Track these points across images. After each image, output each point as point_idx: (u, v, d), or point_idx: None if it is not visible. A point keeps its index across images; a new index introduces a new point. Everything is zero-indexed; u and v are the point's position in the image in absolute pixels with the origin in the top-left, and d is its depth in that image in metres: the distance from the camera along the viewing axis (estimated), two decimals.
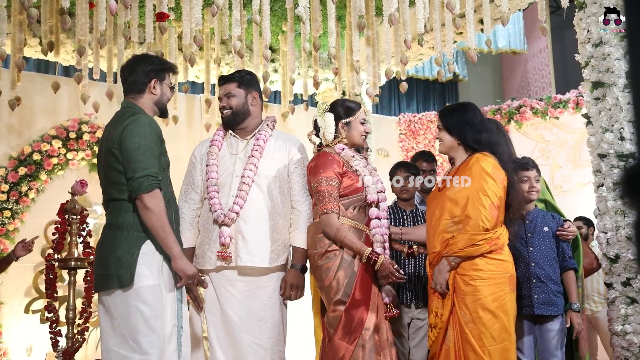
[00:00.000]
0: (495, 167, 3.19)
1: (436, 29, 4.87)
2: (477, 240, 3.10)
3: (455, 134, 3.29)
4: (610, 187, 4.00)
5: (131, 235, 2.75)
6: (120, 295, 2.73)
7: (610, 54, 4.02)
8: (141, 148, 2.73)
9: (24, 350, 5.72)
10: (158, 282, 2.73)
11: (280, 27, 5.97)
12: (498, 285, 3.12)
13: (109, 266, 2.75)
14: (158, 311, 2.71)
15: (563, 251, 3.46)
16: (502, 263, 3.16)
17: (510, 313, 3.13)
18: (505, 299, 3.12)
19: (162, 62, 3.06)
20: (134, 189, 2.71)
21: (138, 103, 2.93)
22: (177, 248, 2.74)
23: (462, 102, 3.61)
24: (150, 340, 2.67)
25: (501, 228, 3.17)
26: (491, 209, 3.11)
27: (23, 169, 5.98)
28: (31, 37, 5.33)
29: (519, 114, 7.92)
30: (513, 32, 10.07)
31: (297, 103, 6.25)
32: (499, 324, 3.10)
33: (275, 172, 3.27)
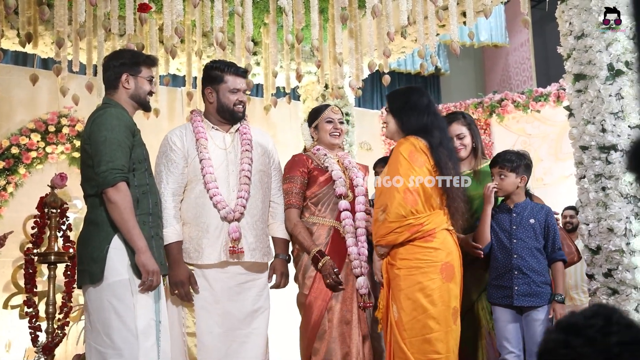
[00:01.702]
0: (414, 151, 3.06)
1: (419, 21, 4.86)
2: (394, 228, 3.02)
3: (397, 118, 3.23)
4: (592, 178, 4.02)
5: (102, 230, 2.73)
6: (93, 291, 2.72)
7: (592, 46, 4.04)
8: (107, 141, 2.71)
9: (2, 345, 5.65)
10: (128, 277, 2.70)
11: (262, 20, 5.92)
12: (425, 274, 3.00)
13: (82, 262, 2.77)
14: (130, 306, 2.68)
15: (553, 242, 3.42)
16: (432, 251, 3.02)
17: (440, 303, 2.98)
18: (432, 288, 2.98)
19: (135, 55, 3.01)
20: (98, 184, 2.70)
21: (114, 99, 2.91)
22: (142, 242, 2.69)
23: (410, 86, 3.58)
24: (123, 336, 2.66)
25: (430, 214, 3.04)
26: (406, 194, 3.00)
27: (1, 163, 5.90)
28: (9, 29, 5.24)
29: (501, 107, 7.96)
30: (495, 25, 10.11)
31: (279, 96, 6.22)
32: (424, 315, 2.97)
33: (262, 166, 3.32)
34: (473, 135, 3.57)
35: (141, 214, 2.79)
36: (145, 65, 2.97)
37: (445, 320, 2.99)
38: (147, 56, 3.06)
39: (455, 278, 3.06)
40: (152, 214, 2.85)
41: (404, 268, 3.04)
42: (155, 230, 2.88)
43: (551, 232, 3.43)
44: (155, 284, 2.72)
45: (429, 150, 3.08)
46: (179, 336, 3.11)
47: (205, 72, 3.36)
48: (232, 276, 3.18)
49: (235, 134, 3.31)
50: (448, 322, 2.99)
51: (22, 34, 4.61)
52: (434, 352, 2.96)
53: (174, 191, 3.14)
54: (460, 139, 3.55)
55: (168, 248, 3.08)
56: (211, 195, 3.14)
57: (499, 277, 3.40)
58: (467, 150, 3.57)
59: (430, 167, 3.06)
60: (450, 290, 3.03)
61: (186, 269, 3.09)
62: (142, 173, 2.84)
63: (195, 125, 3.26)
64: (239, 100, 3.27)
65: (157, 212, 2.93)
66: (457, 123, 3.56)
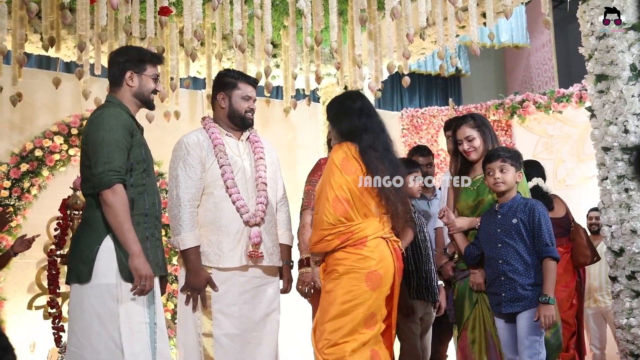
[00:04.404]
0: (345, 159, 3.06)
1: (438, 22, 4.85)
2: (324, 236, 3.02)
3: (332, 124, 3.28)
4: (615, 180, 3.97)
5: (94, 230, 2.70)
6: (78, 291, 2.69)
7: (614, 47, 3.99)
8: (105, 141, 2.67)
9: (27, 346, 5.72)
10: (115, 282, 2.65)
11: (281, 22, 5.94)
12: (351, 279, 2.99)
13: (72, 260, 2.74)
14: (113, 312, 2.64)
15: (539, 239, 3.22)
16: (362, 259, 3.00)
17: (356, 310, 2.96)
18: (355, 295, 2.97)
19: (140, 53, 2.96)
20: (95, 185, 2.67)
21: (117, 96, 2.89)
22: (136, 246, 2.63)
23: (346, 92, 3.59)
24: (103, 341, 2.62)
25: (362, 222, 3.03)
26: (335, 202, 3.01)
27: (25, 166, 5.97)
28: (32, 33, 5.32)
29: (522, 109, 7.89)
30: (515, 26, 10.03)
31: (299, 98, 6.24)
32: (343, 319, 2.96)
33: (271, 174, 3.40)
34: (484, 138, 3.52)
35: (136, 214, 2.74)
36: (151, 63, 2.93)
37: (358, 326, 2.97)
38: (153, 54, 3.02)
39: (382, 287, 3.02)
40: (148, 214, 2.81)
41: (333, 272, 3.05)
42: (151, 231, 2.83)
43: (536, 228, 3.23)
44: (147, 289, 2.66)
45: (359, 155, 3.07)
46: (194, 337, 3.14)
47: (217, 79, 3.43)
48: (249, 279, 3.22)
49: (246, 141, 3.38)
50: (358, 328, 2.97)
51: (45, 38, 4.67)
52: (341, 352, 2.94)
53: (193, 196, 3.17)
54: (469, 142, 3.51)
55: (186, 253, 3.12)
56: (234, 200, 3.18)
57: (491, 285, 3.33)
58: (477, 153, 3.51)
59: (363, 173, 3.05)
60: (372, 299, 2.99)
61: (204, 274, 3.12)
62: (140, 174, 2.80)
63: (211, 131, 3.30)
64: (250, 107, 3.35)
65: (154, 212, 2.87)
66: (466, 125, 3.54)
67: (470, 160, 3.53)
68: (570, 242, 4.61)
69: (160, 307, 2.84)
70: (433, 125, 8.48)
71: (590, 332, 6.01)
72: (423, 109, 8.79)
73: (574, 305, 4.60)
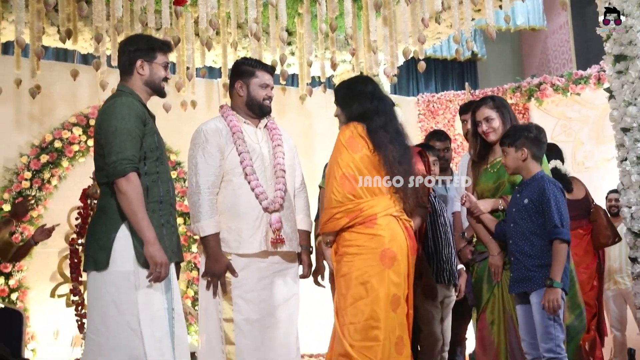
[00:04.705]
0: (351, 137, 3.07)
1: (454, 6, 4.82)
2: (333, 214, 3.03)
3: (341, 107, 3.28)
4: (634, 161, 3.94)
5: (110, 218, 2.71)
6: (96, 278, 2.71)
7: (632, 26, 3.95)
8: (118, 131, 2.68)
9: (51, 334, 5.82)
10: (132, 269, 2.67)
11: (296, 10, 5.94)
12: (365, 260, 2.98)
13: (89, 248, 2.76)
14: (130, 298, 2.65)
15: (548, 219, 3.10)
16: (374, 238, 2.99)
17: (377, 290, 2.94)
18: (371, 274, 2.96)
19: (150, 41, 2.95)
20: (109, 174, 2.68)
21: (128, 85, 2.89)
22: (150, 234, 2.64)
23: (356, 76, 3.57)
24: (121, 327, 2.64)
25: (371, 199, 3.02)
26: (342, 180, 3.01)
27: (45, 157, 6.05)
28: (49, 26, 5.37)
29: (540, 91, 7.83)
30: (532, 8, 9.92)
31: (314, 85, 6.25)
32: (360, 302, 2.95)
33: (289, 161, 3.39)
34: (503, 119, 3.47)
35: (151, 202, 2.75)
36: (161, 51, 2.92)
37: (380, 307, 2.95)
38: (163, 42, 3.00)
39: (397, 265, 3.00)
40: (162, 202, 2.81)
41: (345, 255, 3.05)
42: (166, 218, 2.83)
43: (545, 208, 3.12)
44: (163, 276, 2.67)
45: (367, 134, 3.08)
46: (215, 322, 3.17)
47: (235, 67, 3.43)
48: (269, 265, 3.24)
49: (264, 129, 3.39)
50: (382, 309, 2.95)
51: (62, 31, 4.72)
52: (366, 338, 2.94)
53: (212, 183, 3.19)
54: (488, 122, 3.47)
55: (206, 240, 3.15)
56: (253, 187, 3.19)
57: (508, 264, 3.31)
58: (496, 134, 3.44)
59: (370, 151, 3.06)
60: (389, 277, 2.98)
61: (224, 261, 3.15)
62: (153, 162, 2.81)
63: (230, 119, 3.31)
64: (268, 95, 3.35)
65: (169, 199, 2.87)
66: (485, 107, 3.50)
67: (489, 142, 3.50)
68: (591, 223, 4.58)
69: (177, 293, 2.86)
70: (449, 110, 8.45)
71: (610, 314, 5.98)
72: (439, 94, 8.75)
73: (594, 286, 4.58)
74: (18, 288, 5.76)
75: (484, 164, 3.53)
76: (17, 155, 6.03)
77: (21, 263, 5.62)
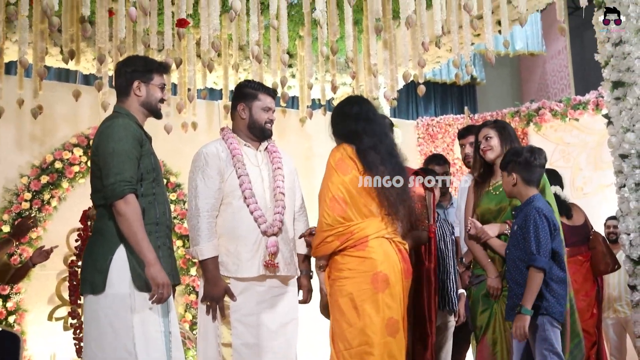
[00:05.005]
0: (341, 159, 3.06)
1: (453, 31, 4.86)
2: (324, 238, 3.01)
3: (332, 127, 3.27)
4: (633, 187, 3.95)
5: (107, 240, 2.71)
6: (92, 301, 2.70)
7: (630, 53, 3.99)
8: (115, 153, 2.68)
9: (47, 357, 5.77)
10: (129, 292, 2.66)
11: (297, 32, 5.98)
12: (357, 284, 2.95)
13: (85, 270, 2.75)
14: (127, 322, 2.65)
15: (528, 245, 3.09)
16: (365, 260, 2.96)
17: (370, 315, 2.91)
18: (363, 299, 2.93)
19: (147, 62, 2.97)
20: (107, 196, 2.68)
21: (125, 106, 2.89)
22: (151, 254, 2.64)
23: (347, 97, 3.53)
24: (116, 351, 2.63)
25: (361, 222, 2.99)
26: (332, 202, 3.00)
27: (45, 177, 6.04)
28: (52, 46, 5.40)
29: (538, 116, 7.86)
30: (531, 33, 10.01)
31: (315, 108, 6.26)
32: (353, 327, 2.92)
33: (289, 184, 3.39)
34: (502, 139, 3.50)
35: (147, 224, 2.74)
36: (157, 73, 2.94)
37: (374, 332, 2.91)
38: (160, 63, 3.02)
39: (391, 288, 2.97)
40: (159, 223, 2.82)
41: (338, 279, 3.02)
42: (163, 240, 2.84)
43: (525, 234, 3.11)
44: (165, 297, 2.67)
45: (356, 155, 3.06)
46: (214, 346, 3.15)
47: (238, 90, 3.44)
48: (267, 289, 3.23)
49: (265, 152, 3.40)
50: (377, 334, 2.91)
51: (65, 51, 4.74)
52: None
53: (211, 206, 3.18)
54: (486, 141, 3.52)
55: (205, 263, 3.14)
56: (252, 210, 3.19)
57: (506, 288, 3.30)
58: (494, 152, 3.49)
59: (360, 172, 3.04)
60: (383, 301, 2.94)
61: (222, 284, 3.14)
62: (150, 183, 2.81)
63: (230, 141, 3.32)
64: (269, 118, 3.36)
65: (165, 221, 2.88)
66: (486, 127, 3.58)
67: (487, 160, 3.52)
68: (590, 250, 4.58)
69: (174, 315, 2.85)
70: (449, 134, 8.48)
71: (610, 342, 5.95)
72: (439, 118, 8.79)
73: (594, 314, 4.56)
74: (16, 310, 5.71)
75: (486, 185, 3.54)
76: (17, 175, 6.02)
77: (19, 285, 5.59)
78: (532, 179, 3.23)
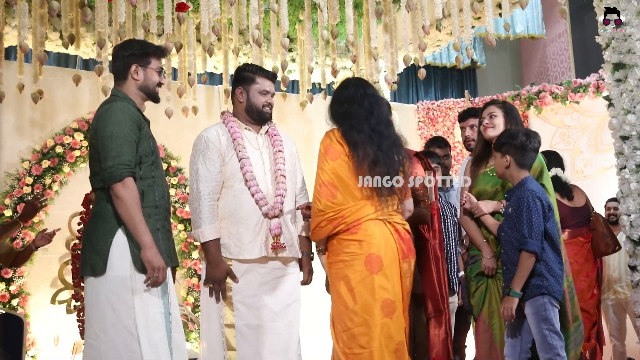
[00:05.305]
0: (329, 144, 3.08)
1: (454, 14, 4.85)
2: (318, 223, 3.04)
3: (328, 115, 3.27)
4: (633, 169, 3.97)
5: (107, 223, 2.72)
6: (93, 283, 2.72)
7: (631, 35, 3.98)
8: (114, 136, 2.69)
9: (51, 340, 5.82)
10: (129, 273, 2.68)
11: (297, 16, 5.97)
12: (350, 267, 2.98)
13: (85, 253, 2.77)
14: (128, 303, 2.67)
15: (520, 228, 3.12)
16: (357, 243, 2.98)
17: (364, 296, 2.94)
18: (356, 281, 2.95)
19: (144, 46, 2.97)
20: (105, 179, 2.69)
21: (123, 90, 2.90)
22: (147, 238, 2.65)
23: (342, 80, 3.48)
24: (119, 332, 2.65)
25: (352, 205, 3.00)
26: (322, 188, 3.02)
27: (46, 162, 6.06)
28: (51, 31, 5.39)
29: (539, 99, 7.86)
30: (531, 17, 9.97)
31: (315, 92, 6.26)
32: (348, 309, 2.95)
33: (290, 167, 3.41)
34: (508, 121, 3.45)
35: (147, 206, 2.76)
36: (155, 57, 2.94)
37: (370, 313, 2.93)
38: (157, 47, 3.02)
39: (385, 269, 2.97)
40: (158, 206, 2.83)
41: (334, 262, 3.06)
42: (162, 222, 2.85)
43: (518, 216, 3.13)
44: (160, 280, 2.68)
45: (343, 138, 3.07)
46: (217, 327, 3.18)
47: (237, 74, 3.45)
48: (270, 270, 3.25)
49: (265, 135, 3.41)
50: (373, 315, 2.93)
51: (65, 36, 4.74)
52: (357, 346, 2.93)
53: (213, 189, 3.21)
54: (490, 118, 3.46)
55: (206, 246, 3.16)
56: (253, 193, 3.21)
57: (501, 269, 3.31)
58: (495, 131, 3.43)
59: (347, 155, 3.05)
60: (377, 282, 2.96)
61: (224, 266, 3.16)
62: (148, 166, 2.82)
63: (230, 125, 3.33)
64: (267, 102, 3.37)
65: (164, 204, 2.89)
66: (493, 105, 3.53)
67: (487, 138, 3.48)
68: (591, 231, 4.60)
69: (174, 297, 2.87)
70: (449, 118, 8.47)
71: (610, 323, 5.99)
72: (439, 102, 8.78)
73: (594, 295, 4.59)
74: (19, 294, 5.76)
75: (483, 166, 3.52)
76: (18, 160, 6.04)
77: (22, 269, 5.63)
78: (526, 163, 3.24)
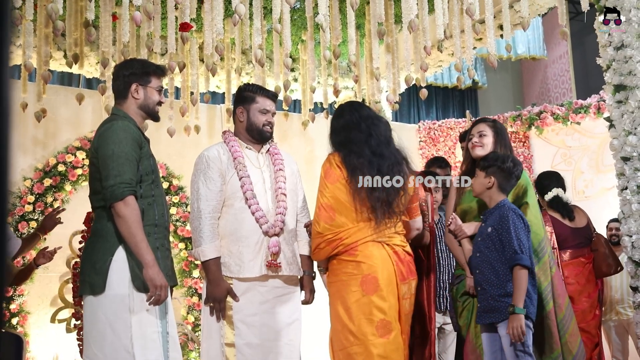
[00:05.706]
0: (329, 168, 3.12)
1: (456, 35, 4.88)
2: (317, 244, 3.08)
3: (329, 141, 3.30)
4: (635, 190, 3.97)
5: (106, 242, 2.72)
6: (92, 302, 2.71)
7: (632, 57, 4.01)
8: (115, 155, 2.70)
9: (50, 359, 5.79)
10: (128, 292, 2.68)
11: (300, 37, 6.02)
12: (347, 287, 3.01)
13: (84, 272, 2.77)
14: (125, 322, 2.66)
15: (510, 246, 3.05)
16: (354, 264, 3.02)
17: (359, 317, 2.96)
18: (351, 301, 2.98)
19: (145, 65, 2.99)
20: (106, 197, 2.69)
21: (123, 108, 2.91)
22: (149, 256, 2.65)
23: (338, 106, 3.50)
24: (116, 351, 2.64)
25: (350, 228, 3.03)
26: (320, 210, 3.07)
27: (48, 180, 6.07)
28: (55, 50, 5.43)
29: (540, 120, 7.88)
30: (532, 38, 10.05)
31: (317, 111, 6.30)
32: (344, 328, 2.98)
33: (292, 185, 3.42)
34: (497, 141, 3.41)
35: (147, 225, 2.76)
36: (155, 75, 2.95)
37: (365, 334, 2.95)
38: (157, 66, 3.04)
39: (381, 290, 2.98)
40: (157, 225, 2.83)
41: (333, 282, 3.10)
42: (161, 241, 2.85)
43: (505, 235, 3.09)
44: (163, 298, 2.67)
45: (342, 163, 3.11)
46: (218, 346, 3.17)
47: (238, 93, 3.47)
48: (270, 289, 3.24)
49: (266, 154, 3.42)
50: (368, 335, 2.94)
51: (69, 55, 4.77)
52: None
53: (213, 208, 3.21)
54: (480, 137, 3.41)
55: (207, 264, 3.16)
56: (253, 211, 3.21)
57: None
58: (484, 150, 3.39)
59: (346, 179, 3.08)
60: (372, 303, 2.98)
61: (225, 285, 3.16)
62: (149, 185, 2.83)
63: (231, 144, 3.35)
64: (268, 121, 3.38)
65: (164, 222, 2.89)
66: (483, 123, 3.49)
67: (474, 157, 3.43)
68: (593, 252, 4.59)
69: (172, 317, 2.86)
70: (450, 138, 8.50)
71: (612, 345, 5.96)
72: (440, 122, 8.81)
73: (596, 315, 4.57)
74: (19, 312, 5.74)
75: None
76: (20, 178, 6.05)
77: (22, 287, 5.62)
78: (507, 188, 3.28)
